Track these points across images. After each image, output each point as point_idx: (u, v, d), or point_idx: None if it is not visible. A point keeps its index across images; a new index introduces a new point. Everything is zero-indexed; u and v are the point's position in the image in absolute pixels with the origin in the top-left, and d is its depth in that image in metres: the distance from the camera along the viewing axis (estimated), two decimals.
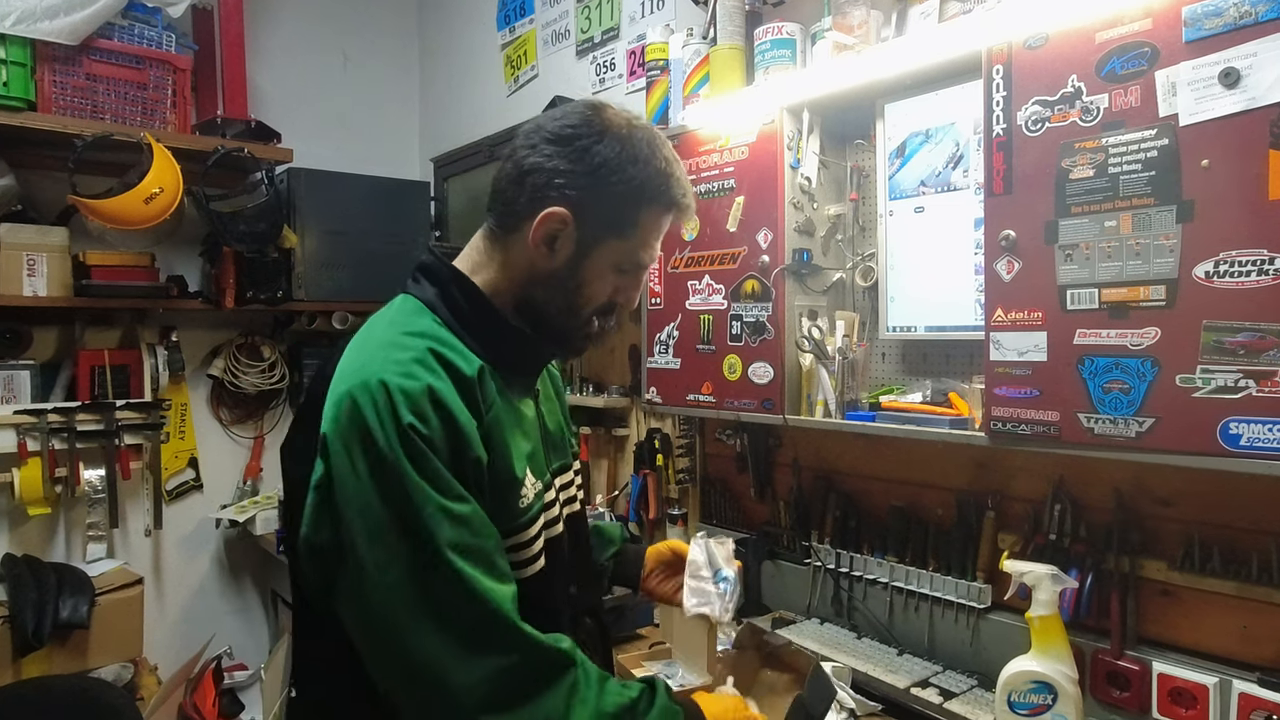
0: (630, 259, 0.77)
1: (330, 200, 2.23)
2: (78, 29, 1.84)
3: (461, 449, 0.68)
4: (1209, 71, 0.84)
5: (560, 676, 0.68)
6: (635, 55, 1.85)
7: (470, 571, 0.65)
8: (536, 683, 0.67)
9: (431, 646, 0.64)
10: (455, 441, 0.67)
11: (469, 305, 0.76)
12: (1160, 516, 1.05)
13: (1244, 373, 0.82)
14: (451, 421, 0.67)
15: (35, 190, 2.03)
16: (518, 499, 0.74)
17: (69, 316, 2.08)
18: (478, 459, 0.69)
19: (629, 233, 0.76)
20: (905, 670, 1.21)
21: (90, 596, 1.83)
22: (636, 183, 0.74)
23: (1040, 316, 0.97)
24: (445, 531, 0.65)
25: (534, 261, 0.75)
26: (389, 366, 0.67)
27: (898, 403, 1.20)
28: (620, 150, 0.73)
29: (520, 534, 0.74)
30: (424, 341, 0.70)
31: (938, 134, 1.20)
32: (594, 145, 0.73)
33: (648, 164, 0.74)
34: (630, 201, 0.74)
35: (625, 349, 1.85)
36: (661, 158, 0.75)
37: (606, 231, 0.75)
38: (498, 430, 0.73)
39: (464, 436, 0.68)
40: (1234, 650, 0.99)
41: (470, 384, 0.70)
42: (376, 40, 2.65)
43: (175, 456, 2.28)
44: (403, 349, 0.69)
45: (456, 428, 0.67)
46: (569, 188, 0.73)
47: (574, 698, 0.67)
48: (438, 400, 0.67)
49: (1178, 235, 0.86)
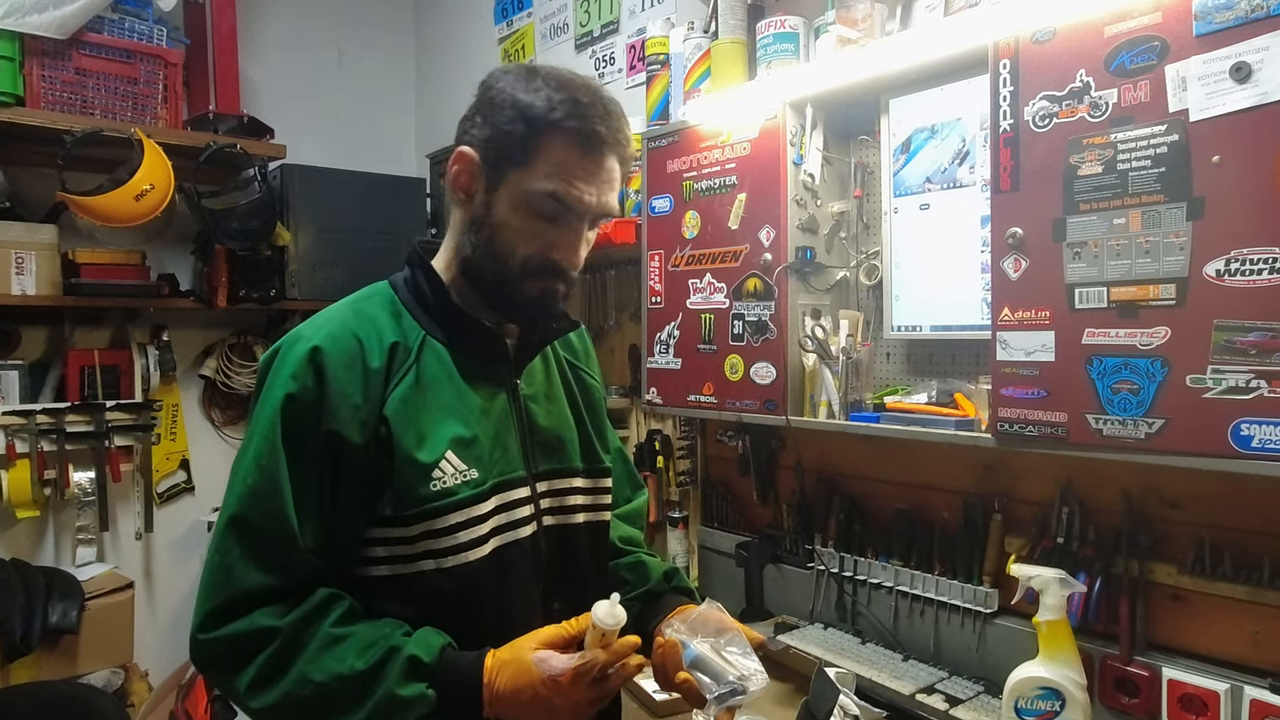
0: (539, 192, 0.74)
1: (324, 197, 2.21)
2: (67, 23, 1.81)
3: (321, 418, 0.72)
4: (1220, 66, 0.83)
5: (260, 650, 0.70)
6: (635, 49, 1.83)
7: (228, 544, 0.72)
8: (242, 658, 0.70)
9: (200, 590, 0.72)
10: (320, 407, 0.72)
11: (427, 283, 0.79)
12: (1170, 519, 1.04)
13: (1255, 373, 0.81)
14: (323, 386, 0.72)
15: (24, 187, 2.00)
16: (425, 480, 0.73)
17: (58, 316, 2.05)
18: (333, 432, 0.72)
19: (529, 162, 0.74)
20: (910, 676, 1.20)
21: (80, 601, 1.80)
22: (525, 106, 0.73)
23: (1048, 316, 0.95)
24: (239, 502, 0.72)
25: (460, 216, 0.79)
26: (308, 326, 0.76)
27: (902, 404, 1.18)
28: (516, 83, 0.75)
29: (432, 520, 0.73)
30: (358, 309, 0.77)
31: (943, 130, 1.19)
32: (492, 87, 0.76)
33: (540, 91, 0.73)
34: (522, 128, 0.73)
35: (625, 349, 1.83)
36: (557, 84, 0.74)
37: (507, 164, 0.75)
38: (411, 406, 0.74)
39: (330, 405, 0.72)
40: (1245, 656, 0.97)
41: (382, 351, 0.75)
42: (372, 34, 2.62)
43: (166, 458, 2.25)
44: (335, 311, 0.77)
45: (325, 393, 0.72)
46: (473, 128, 0.76)
47: (263, 672, 0.70)
48: (318, 363, 0.72)
49: (1188, 233, 0.85)
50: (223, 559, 0.71)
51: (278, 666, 0.69)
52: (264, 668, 0.69)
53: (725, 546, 1.57)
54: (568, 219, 0.75)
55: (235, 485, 0.73)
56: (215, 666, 0.73)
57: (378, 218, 2.29)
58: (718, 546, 1.60)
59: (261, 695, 0.69)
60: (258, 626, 0.70)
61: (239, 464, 0.74)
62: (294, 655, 0.69)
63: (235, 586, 0.70)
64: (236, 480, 0.73)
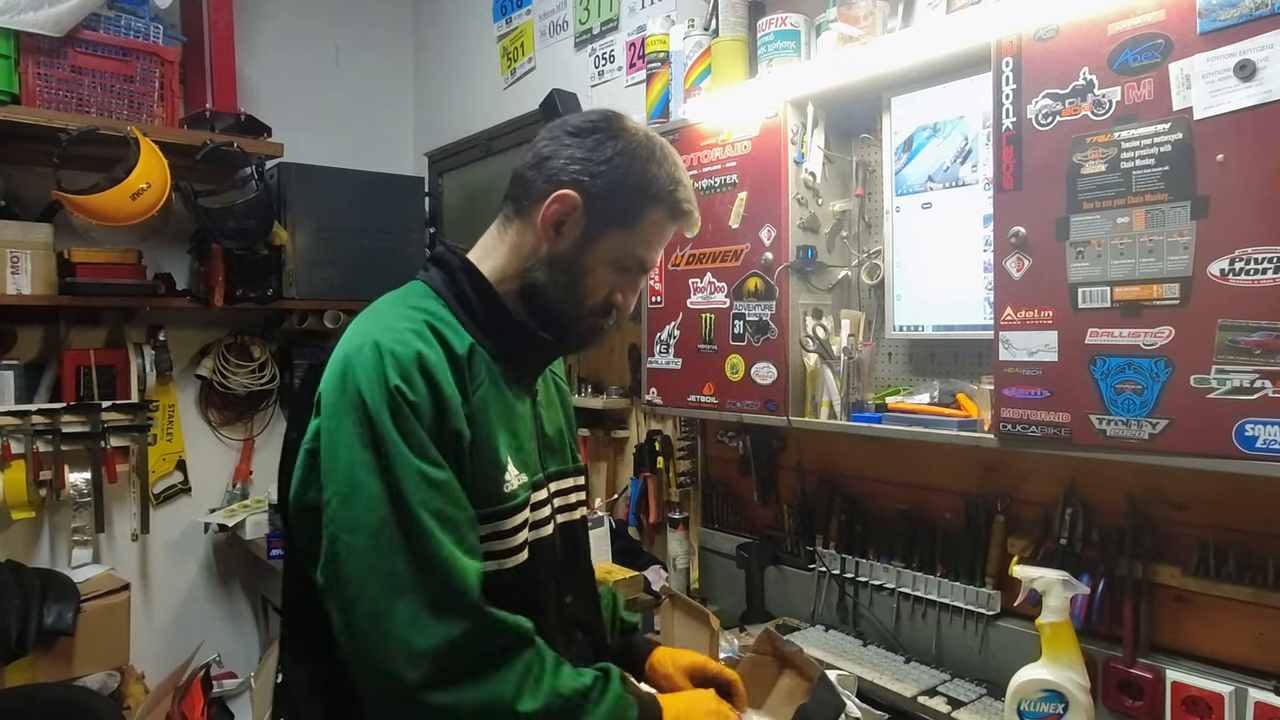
0: (632, 255, 0.80)
1: (322, 196, 2.20)
2: (62, 20, 1.80)
3: (444, 419, 0.70)
4: (1224, 64, 0.83)
5: (514, 657, 0.68)
6: (635, 47, 1.83)
7: (440, 536, 0.67)
8: (487, 660, 0.67)
9: (387, 604, 0.64)
10: (438, 411, 0.70)
11: (474, 292, 0.79)
12: (1174, 520, 1.03)
13: (1260, 373, 0.80)
14: (437, 391, 0.70)
15: (19, 186, 2.00)
16: (500, 483, 0.75)
17: (53, 315, 2.04)
18: (458, 432, 0.71)
19: (633, 227, 0.79)
20: (912, 678, 1.19)
21: (75, 603, 1.79)
22: (647, 179, 0.78)
23: (1051, 315, 0.95)
24: (420, 493, 0.67)
25: (541, 244, 0.79)
26: (385, 333, 0.71)
27: (904, 404, 1.18)
28: (635, 148, 0.79)
29: (502, 520, 0.75)
30: (422, 315, 0.75)
31: (946, 128, 1.18)
32: (610, 140, 0.79)
33: (659, 165, 0.79)
34: (638, 196, 0.78)
35: (625, 349, 1.82)
36: (672, 164, 0.81)
37: (612, 222, 0.78)
38: (483, 412, 0.75)
39: (447, 408, 0.70)
40: (1249, 658, 0.97)
41: (460, 361, 0.74)
42: (370, 32, 2.61)
43: (163, 459, 2.24)
44: (401, 319, 0.73)
45: (441, 398, 0.70)
46: (583, 174, 0.77)
47: (526, 681, 0.67)
48: (426, 368, 0.70)
49: (1192, 232, 0.85)
50: (427, 547, 0.65)
51: (539, 676, 0.68)
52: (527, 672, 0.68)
53: (726, 548, 1.57)
54: (639, 274, 0.84)
55: (381, 487, 0.66)
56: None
57: (376, 217, 2.28)
58: (718, 548, 1.60)
59: (529, 699, 0.67)
60: (518, 625, 0.69)
61: (359, 479, 0.67)
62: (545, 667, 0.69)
63: (456, 576, 0.66)
64: (380, 483, 0.66)
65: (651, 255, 0.82)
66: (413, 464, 0.67)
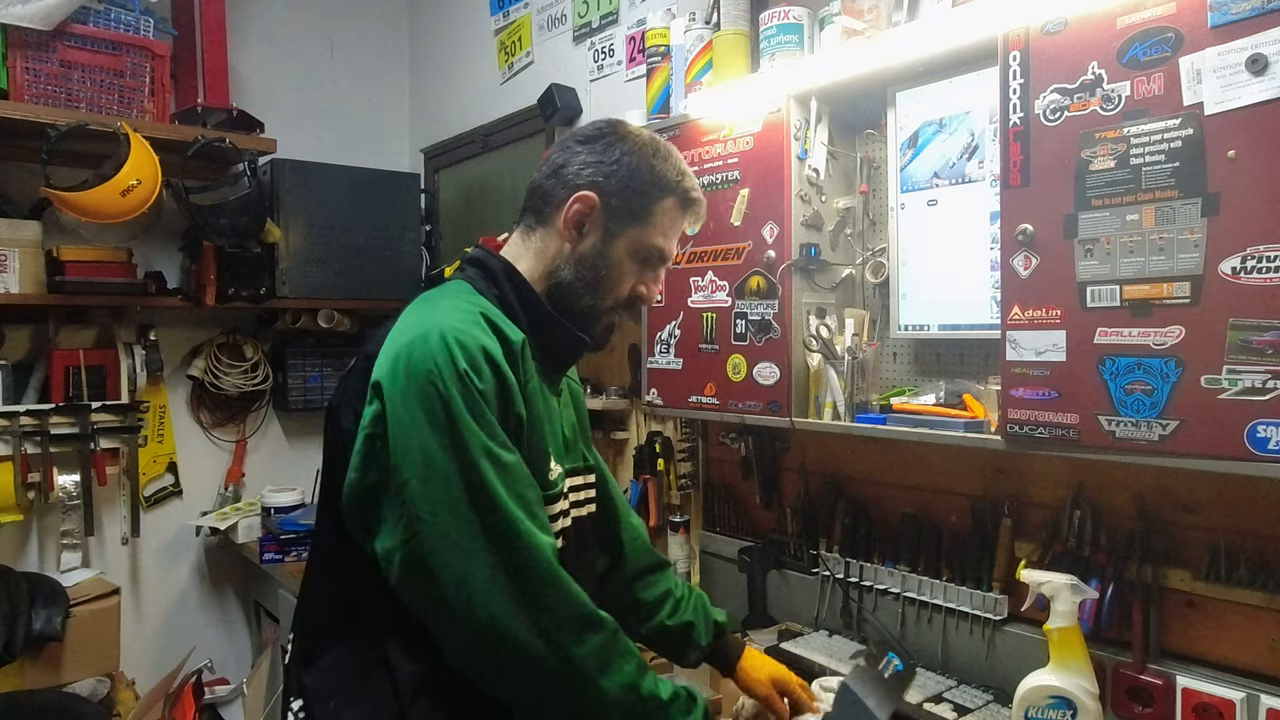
0: (651, 246, 0.87)
1: (316, 193, 2.18)
2: (51, 14, 1.78)
3: (507, 405, 0.76)
4: (1236, 58, 0.81)
5: (600, 631, 0.75)
6: (635, 41, 1.81)
7: (516, 512, 0.72)
8: (581, 634, 0.73)
9: (472, 572, 0.70)
10: (503, 397, 0.75)
11: (516, 292, 0.85)
12: (1184, 524, 1.02)
13: (1272, 373, 0.79)
14: (502, 378, 0.75)
15: (7, 182, 1.97)
16: (548, 471, 0.82)
17: (42, 315, 2.01)
18: (520, 416, 0.77)
19: (648, 219, 0.86)
20: (918, 685, 1.17)
21: (64, 607, 1.77)
22: (655, 173, 0.86)
23: (1059, 314, 0.94)
24: (494, 472, 0.72)
25: (565, 245, 0.86)
26: (447, 322, 0.75)
27: (910, 405, 1.16)
28: (641, 147, 0.87)
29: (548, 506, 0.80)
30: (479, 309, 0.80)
31: (952, 123, 1.16)
32: (617, 142, 0.87)
33: (665, 160, 0.87)
34: (649, 189, 0.86)
35: (624, 349, 1.80)
36: (676, 158, 0.89)
37: (629, 216, 0.86)
38: (533, 403, 0.81)
39: (511, 393, 0.76)
40: (1261, 664, 0.96)
41: (515, 353, 0.79)
42: (364, 26, 2.58)
43: (153, 461, 2.21)
44: (461, 311, 0.78)
45: (505, 384, 0.75)
46: (597, 175, 0.85)
47: (613, 654, 0.74)
48: (490, 357, 0.75)
49: (1203, 229, 0.83)
50: (503, 522, 0.71)
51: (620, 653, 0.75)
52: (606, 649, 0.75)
53: (728, 551, 1.55)
54: (659, 265, 0.90)
55: (456, 468, 0.71)
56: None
57: (370, 214, 2.26)
58: (720, 551, 1.58)
59: (609, 676, 0.74)
60: (599, 616, 0.75)
61: (434, 460, 0.71)
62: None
63: (536, 547, 0.72)
64: (455, 464, 0.71)
65: (669, 245, 0.89)
66: (485, 444, 0.72)
